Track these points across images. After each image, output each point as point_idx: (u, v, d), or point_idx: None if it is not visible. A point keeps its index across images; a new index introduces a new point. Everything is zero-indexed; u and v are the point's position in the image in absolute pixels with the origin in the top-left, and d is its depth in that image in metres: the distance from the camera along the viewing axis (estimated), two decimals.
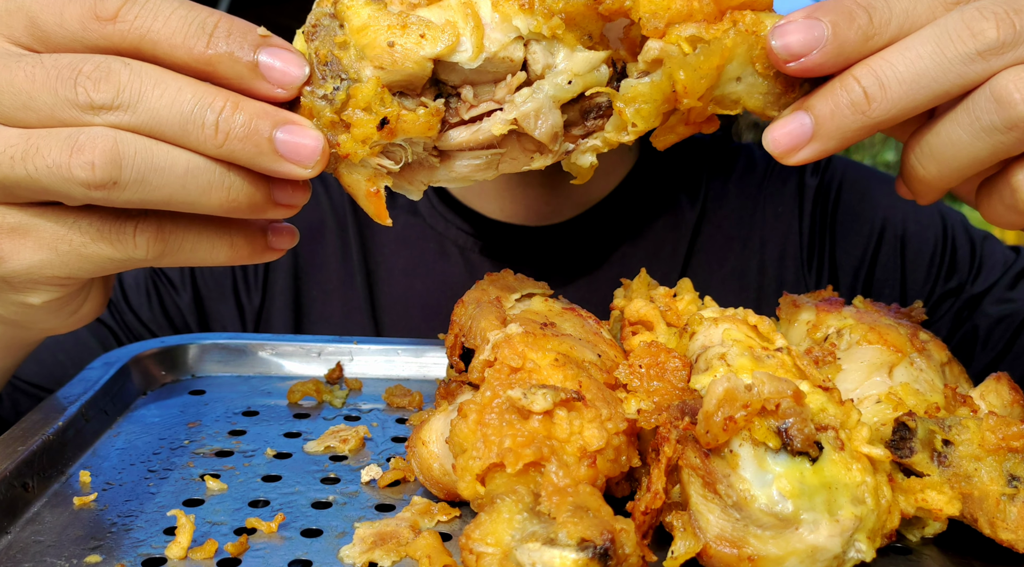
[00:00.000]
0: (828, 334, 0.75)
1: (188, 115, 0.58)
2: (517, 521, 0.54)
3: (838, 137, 0.60)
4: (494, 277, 0.82)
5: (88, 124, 0.58)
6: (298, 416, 0.85)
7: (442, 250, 1.29)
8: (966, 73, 0.57)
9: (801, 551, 0.55)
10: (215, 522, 0.65)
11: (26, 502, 0.67)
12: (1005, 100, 0.56)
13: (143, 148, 0.58)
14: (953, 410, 0.67)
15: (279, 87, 0.60)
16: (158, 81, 0.58)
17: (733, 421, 0.55)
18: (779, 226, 1.32)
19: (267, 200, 0.63)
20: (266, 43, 0.60)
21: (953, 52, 0.56)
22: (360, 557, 0.60)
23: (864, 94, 0.58)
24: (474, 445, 0.58)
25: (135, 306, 1.25)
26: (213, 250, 0.65)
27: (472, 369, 0.66)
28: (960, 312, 1.25)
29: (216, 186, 0.60)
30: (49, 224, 0.62)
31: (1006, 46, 0.56)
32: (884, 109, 0.58)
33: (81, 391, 0.81)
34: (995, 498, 0.59)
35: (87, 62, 0.58)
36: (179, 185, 0.59)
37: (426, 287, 1.29)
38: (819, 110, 0.60)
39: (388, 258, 1.30)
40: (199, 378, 0.94)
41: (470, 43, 0.60)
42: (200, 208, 0.61)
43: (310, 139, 0.60)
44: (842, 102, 0.59)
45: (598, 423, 0.58)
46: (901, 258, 1.29)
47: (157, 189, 0.59)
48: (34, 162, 0.58)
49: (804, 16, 0.59)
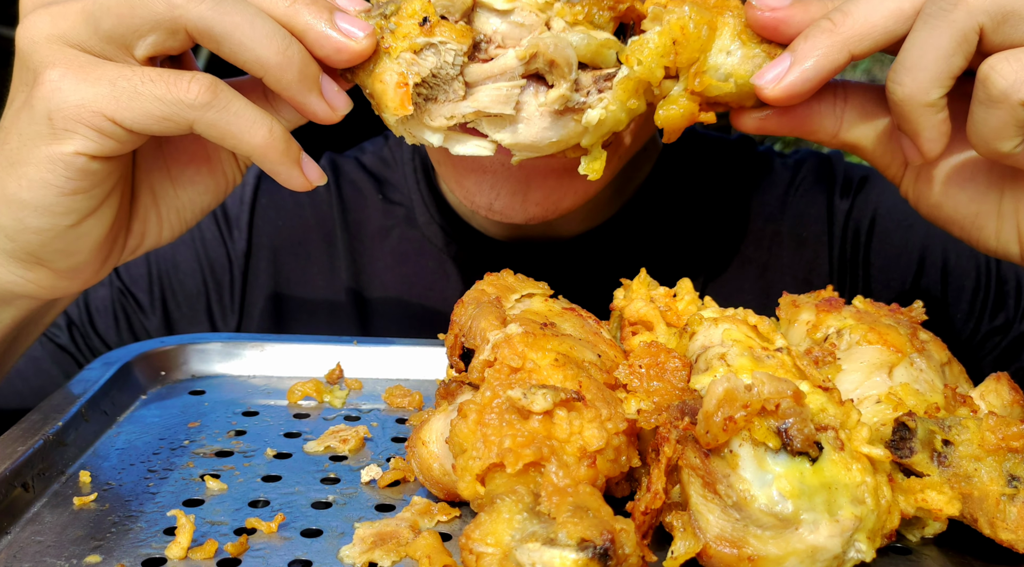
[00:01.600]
0: (828, 334, 0.75)
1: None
2: (517, 521, 0.54)
3: (814, 56, 0.66)
4: (494, 277, 0.81)
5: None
6: (298, 416, 0.85)
7: (441, 268, 1.22)
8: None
9: (801, 551, 0.55)
10: (215, 522, 0.65)
11: (26, 502, 0.67)
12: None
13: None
14: (953, 410, 0.67)
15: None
16: None
17: (733, 421, 0.55)
18: (804, 254, 1.20)
19: (315, 80, 0.69)
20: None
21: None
22: (360, 557, 0.60)
23: (830, 19, 0.66)
24: (474, 445, 0.58)
25: (101, 330, 1.20)
26: (254, 125, 0.68)
27: (472, 369, 0.66)
28: (1008, 351, 1.16)
29: (277, 40, 0.66)
30: (115, 66, 0.67)
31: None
32: (850, 24, 0.65)
33: (81, 391, 0.81)
34: (995, 498, 0.59)
35: None
36: (248, 24, 0.65)
37: (423, 307, 1.21)
38: (796, 43, 0.68)
39: (382, 273, 1.24)
40: (199, 378, 0.94)
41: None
42: (259, 53, 0.66)
43: (361, 25, 0.68)
44: (811, 29, 0.67)
45: (598, 423, 0.58)
46: (943, 293, 1.18)
47: (235, 14, 0.65)
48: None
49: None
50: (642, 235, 1.22)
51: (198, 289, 1.24)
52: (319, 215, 1.27)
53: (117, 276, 1.22)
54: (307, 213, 1.27)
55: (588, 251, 1.20)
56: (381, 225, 1.25)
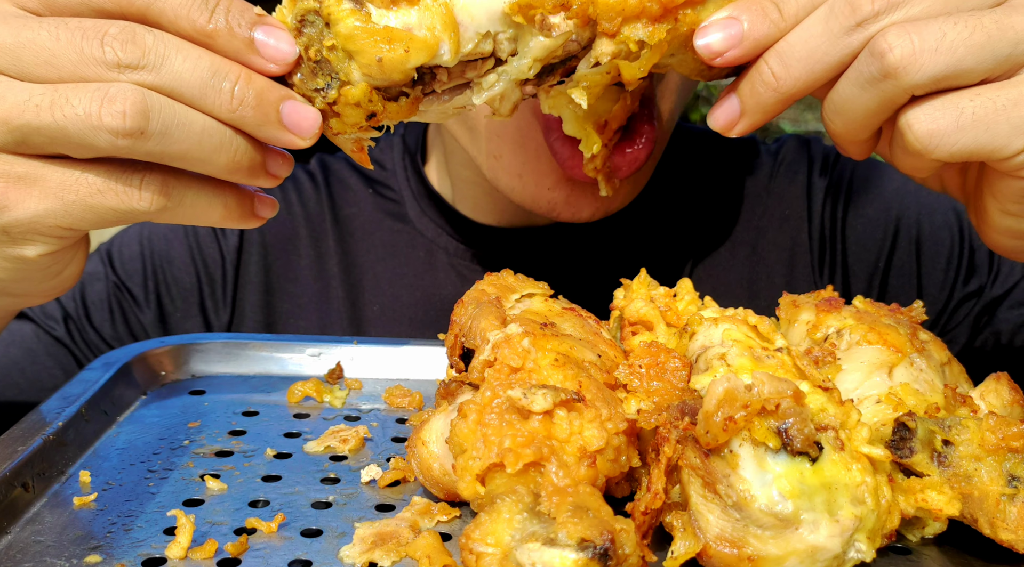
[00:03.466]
0: (828, 334, 0.75)
1: (207, 81, 0.64)
2: (517, 521, 0.54)
3: (761, 111, 0.69)
4: (494, 277, 0.81)
5: (114, 81, 0.62)
6: (298, 416, 0.85)
7: (431, 259, 1.25)
8: (850, 42, 0.65)
9: (801, 551, 0.55)
10: (215, 522, 0.65)
11: (26, 502, 0.67)
12: (878, 53, 0.63)
13: (167, 104, 0.63)
14: (953, 410, 0.67)
15: (272, 63, 0.66)
16: (180, 48, 0.63)
17: (733, 421, 0.55)
18: (787, 230, 1.27)
19: (263, 166, 0.69)
20: (261, 21, 0.65)
21: (837, 26, 0.65)
22: (360, 557, 0.60)
23: (772, 74, 0.67)
24: (474, 445, 0.58)
25: (97, 323, 1.22)
26: (210, 208, 0.70)
27: (472, 369, 0.66)
28: (980, 317, 1.20)
29: (225, 146, 0.66)
30: (57, 174, 0.65)
31: (880, 14, 0.64)
32: (790, 84, 0.67)
33: (81, 391, 0.81)
34: (995, 498, 0.59)
35: (112, 25, 0.63)
36: (196, 141, 0.64)
37: (413, 299, 1.25)
38: (743, 91, 0.70)
39: (374, 266, 1.27)
40: (199, 378, 0.94)
41: (448, 47, 0.66)
42: (209, 165, 0.66)
43: (310, 114, 0.67)
44: (757, 83, 0.68)
45: (598, 423, 0.58)
46: (917, 262, 1.24)
47: (177, 143, 0.64)
48: (63, 110, 0.62)
49: (724, 17, 0.68)
50: (636, 223, 1.25)
51: (192, 284, 1.26)
52: (308, 212, 1.30)
53: (112, 270, 1.25)
54: (296, 210, 1.30)
55: (580, 238, 1.23)
56: (371, 218, 1.29)
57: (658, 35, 0.68)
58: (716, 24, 0.68)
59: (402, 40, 0.64)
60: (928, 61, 0.62)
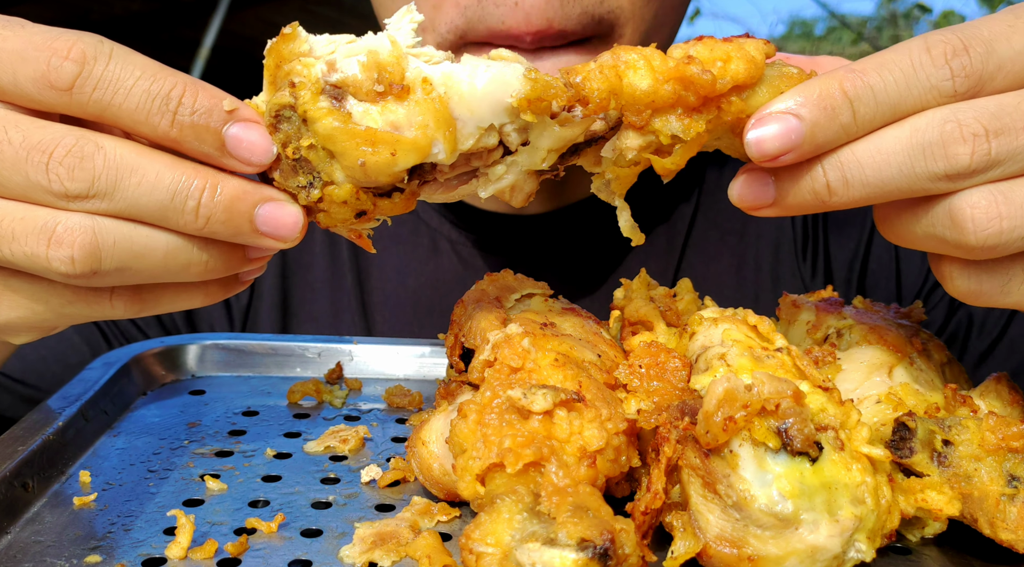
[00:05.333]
0: (828, 334, 0.75)
1: (168, 201, 0.57)
2: (517, 521, 0.54)
3: (795, 210, 0.61)
4: (494, 277, 0.82)
5: (63, 209, 0.57)
6: (298, 416, 0.85)
7: (434, 246, 1.29)
8: (930, 189, 0.57)
9: (801, 551, 0.55)
10: (215, 522, 0.65)
11: (26, 502, 0.67)
12: (960, 225, 0.56)
13: (123, 236, 0.58)
14: (953, 410, 0.68)
15: (247, 165, 0.59)
16: (134, 167, 0.57)
17: (733, 421, 0.55)
18: (772, 219, 1.31)
19: (243, 261, 0.63)
20: (233, 118, 0.58)
21: (923, 169, 0.56)
22: (360, 557, 0.60)
23: (827, 186, 0.59)
24: (474, 445, 0.58)
25: None
26: (191, 299, 0.66)
27: (472, 369, 0.66)
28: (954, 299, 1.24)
29: (195, 262, 0.60)
30: (27, 286, 0.61)
31: (976, 173, 0.56)
32: (842, 202, 0.59)
33: (81, 391, 0.81)
34: (995, 498, 0.59)
35: (61, 139, 0.56)
36: (160, 266, 0.59)
37: (418, 284, 1.29)
38: (783, 184, 0.60)
39: (380, 255, 1.31)
40: (199, 378, 0.94)
41: (443, 147, 0.58)
42: (180, 278, 0.61)
43: (290, 216, 0.60)
44: (805, 187, 0.60)
45: (598, 423, 0.58)
46: (895, 249, 1.29)
47: (138, 273, 0.59)
48: (10, 247, 0.57)
49: (783, 110, 0.58)
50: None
51: None
52: None
53: None
54: None
55: (576, 224, 1.27)
56: None
57: (695, 128, 0.59)
58: (772, 123, 0.58)
59: (387, 143, 0.56)
60: (1003, 232, 0.56)
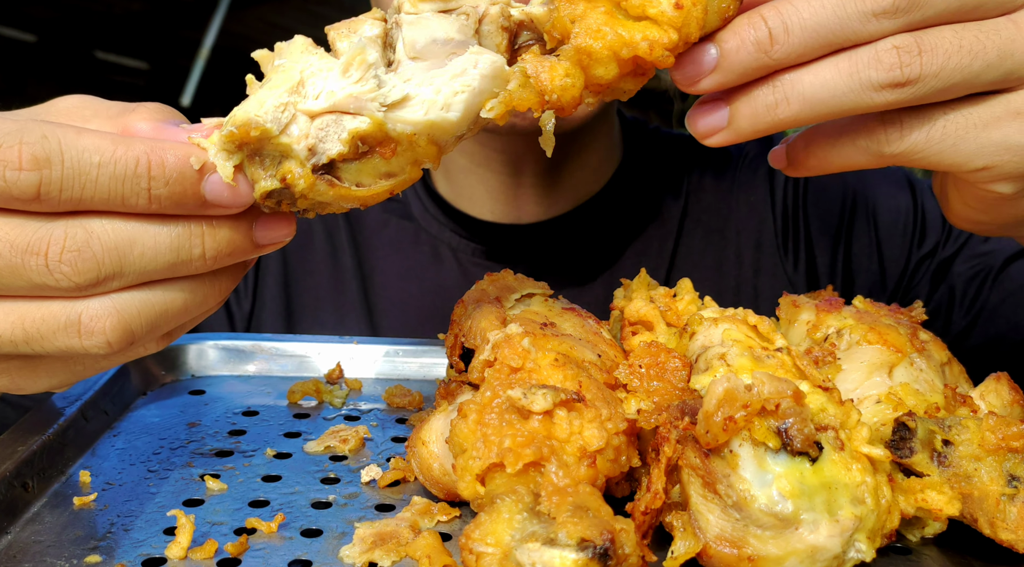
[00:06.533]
0: (828, 334, 0.75)
1: (174, 259, 0.58)
2: (517, 521, 0.54)
3: (739, 72, 0.61)
4: (494, 277, 0.82)
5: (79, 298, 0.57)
6: (298, 416, 0.85)
7: (436, 253, 1.31)
8: (860, 30, 0.59)
9: (801, 551, 0.55)
10: (215, 522, 0.65)
11: (26, 502, 0.67)
12: (885, 62, 0.59)
13: (144, 303, 0.59)
14: (953, 410, 0.68)
15: (230, 210, 0.60)
16: (131, 240, 0.57)
17: (733, 421, 0.55)
18: (753, 215, 1.35)
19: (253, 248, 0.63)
20: (206, 171, 0.58)
21: (853, 8, 0.59)
22: (360, 557, 0.60)
23: (769, 34, 0.60)
24: (474, 445, 0.58)
25: None
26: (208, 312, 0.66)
27: (472, 369, 0.66)
28: (936, 274, 1.27)
29: (211, 294, 0.62)
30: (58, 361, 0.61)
31: (900, 11, 0.59)
32: (784, 52, 0.60)
33: (81, 391, 0.81)
34: (995, 498, 0.59)
35: (47, 241, 0.55)
36: (182, 312, 0.61)
37: (421, 291, 1.31)
38: (725, 42, 0.61)
39: (382, 262, 1.33)
40: (199, 378, 0.94)
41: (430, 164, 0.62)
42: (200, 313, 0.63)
43: (283, 226, 0.62)
44: (748, 38, 0.60)
45: (598, 423, 0.58)
46: (875, 231, 1.31)
47: (166, 324, 0.60)
48: (42, 345, 0.57)
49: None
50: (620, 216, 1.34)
51: None
52: None
53: None
54: None
55: (570, 229, 1.31)
56: (379, 218, 1.36)
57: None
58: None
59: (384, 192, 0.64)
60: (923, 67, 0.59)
